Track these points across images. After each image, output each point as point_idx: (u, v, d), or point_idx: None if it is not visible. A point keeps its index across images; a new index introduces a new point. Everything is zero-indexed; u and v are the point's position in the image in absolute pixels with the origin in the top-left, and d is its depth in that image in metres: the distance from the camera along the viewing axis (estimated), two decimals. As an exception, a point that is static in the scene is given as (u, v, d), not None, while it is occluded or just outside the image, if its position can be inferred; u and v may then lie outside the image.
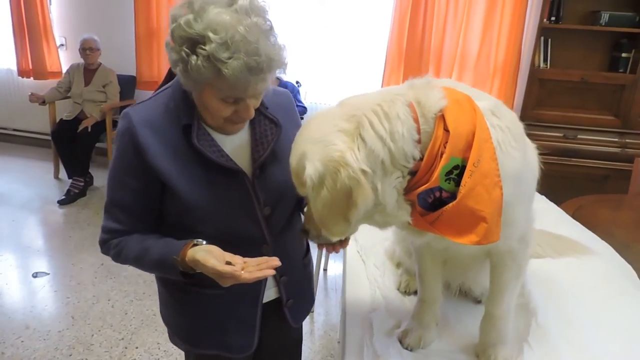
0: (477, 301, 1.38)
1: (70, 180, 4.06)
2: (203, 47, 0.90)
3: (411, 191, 0.91)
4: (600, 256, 1.69)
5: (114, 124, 4.31)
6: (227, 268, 0.94)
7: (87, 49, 4.18)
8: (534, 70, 3.74)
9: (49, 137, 4.36)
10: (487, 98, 1.00)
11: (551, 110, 3.70)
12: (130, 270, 2.96)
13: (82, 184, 4.04)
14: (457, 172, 0.88)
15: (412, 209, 0.93)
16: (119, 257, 1.10)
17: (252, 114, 1.03)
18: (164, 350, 2.28)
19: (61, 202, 3.88)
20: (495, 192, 0.88)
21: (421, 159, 0.89)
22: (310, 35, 4.18)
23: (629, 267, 1.67)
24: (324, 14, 4.19)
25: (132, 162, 1.04)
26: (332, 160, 0.86)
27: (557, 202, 2.20)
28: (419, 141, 0.89)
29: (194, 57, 0.92)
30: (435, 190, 0.89)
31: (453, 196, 0.88)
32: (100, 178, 4.34)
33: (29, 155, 5.03)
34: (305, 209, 1.15)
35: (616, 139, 3.66)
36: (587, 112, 3.71)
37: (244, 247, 1.07)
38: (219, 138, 1.08)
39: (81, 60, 4.31)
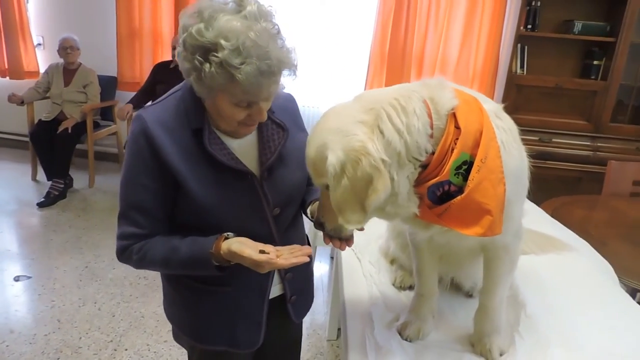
0: (468, 295, 1.44)
1: (50, 182, 3.99)
2: (216, 54, 0.93)
3: (421, 184, 0.96)
4: (579, 253, 1.78)
5: (95, 125, 4.27)
6: (263, 257, 0.98)
7: (67, 47, 4.11)
8: (511, 76, 3.88)
9: (27, 139, 4.28)
10: (490, 102, 1.07)
11: (527, 114, 3.83)
12: (115, 272, 2.94)
13: (62, 186, 3.98)
14: (465, 168, 0.94)
15: (420, 202, 0.98)
16: (143, 261, 1.09)
17: (265, 116, 1.06)
18: (154, 352, 2.28)
19: (40, 205, 3.80)
20: (499, 188, 0.95)
21: (432, 153, 0.95)
22: (292, 38, 4.21)
23: (606, 262, 1.77)
24: (306, 18, 4.23)
25: (149, 164, 1.05)
26: (354, 149, 0.90)
27: (534, 202, 2.30)
28: (431, 136, 0.95)
29: (207, 65, 0.94)
30: (444, 184, 0.95)
31: (460, 190, 0.94)
32: (81, 180, 4.28)
33: (5, 157, 4.91)
34: (318, 203, 1.15)
35: (588, 143, 3.82)
36: (561, 116, 3.86)
37: None
38: (228, 141, 1.10)
39: (60, 60, 4.24)
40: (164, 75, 3.97)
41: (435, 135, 0.95)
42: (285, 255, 1.00)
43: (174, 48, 3.90)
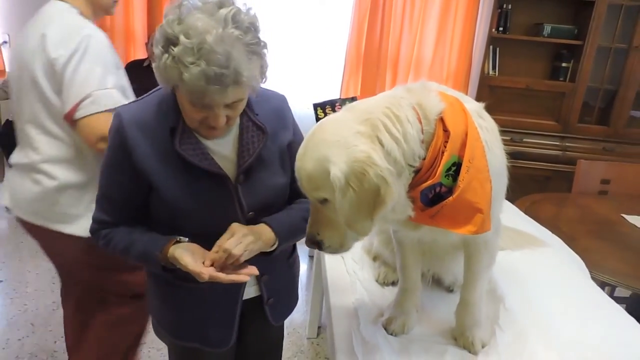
0: (449, 290, 1.48)
1: None
2: (173, 47, 0.94)
3: (414, 188, 0.98)
4: (552, 248, 1.85)
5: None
6: (197, 268, 1.00)
7: (35, 46, 4.00)
8: (483, 77, 3.97)
9: (-6, 139, 4.13)
10: (472, 101, 1.10)
11: (499, 115, 3.85)
12: (90, 274, 2.88)
13: None
14: (454, 169, 0.97)
15: (413, 205, 1.00)
16: (108, 247, 1.16)
17: (222, 123, 1.02)
18: (133, 354, 2.25)
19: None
20: (487, 186, 0.98)
21: (424, 158, 0.97)
22: (268, 41, 4.19)
23: (577, 256, 1.84)
24: (281, 20, 4.22)
25: (121, 161, 1.08)
26: (358, 160, 0.89)
27: (506, 200, 2.37)
28: (422, 141, 0.97)
29: (165, 56, 0.95)
30: (436, 186, 0.97)
31: (450, 191, 0.97)
32: (51, 181, 4.16)
33: (-31, 158, 4.73)
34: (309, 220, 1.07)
35: (557, 143, 3.95)
36: (531, 117, 3.96)
37: None
38: (206, 141, 1.10)
39: (28, 59, 4.13)
40: (137, 74, 3.92)
41: (426, 140, 0.97)
42: (229, 271, 1.02)
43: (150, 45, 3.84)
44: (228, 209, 1.11)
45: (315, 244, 1.01)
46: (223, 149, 1.12)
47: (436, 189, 0.97)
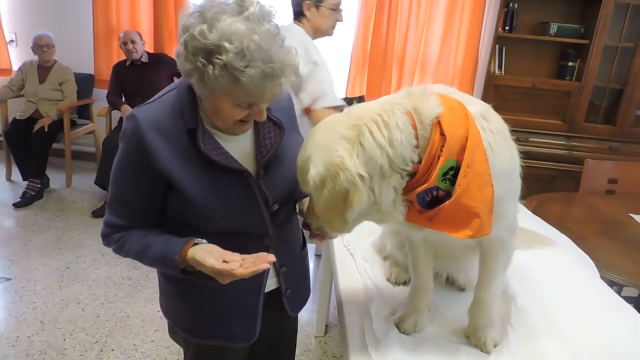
0: (461, 289, 1.48)
1: (26, 182, 3.89)
2: (219, 56, 0.92)
3: (410, 191, 0.99)
4: (561, 247, 1.85)
5: (72, 123, 4.17)
6: (224, 266, 0.99)
7: (43, 45, 4.02)
8: (489, 76, 3.97)
9: (1, 138, 4.16)
10: (478, 103, 1.10)
11: (505, 114, 3.77)
12: (98, 272, 2.89)
13: (38, 186, 3.88)
14: (452, 173, 0.97)
15: (409, 208, 1.02)
16: (121, 251, 1.14)
17: (265, 115, 1.07)
18: (141, 352, 2.26)
19: (17, 205, 3.71)
20: (486, 191, 0.98)
21: (419, 162, 0.98)
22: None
23: (587, 256, 1.84)
24: (286, 19, 4.23)
25: (138, 165, 1.06)
26: (333, 164, 0.96)
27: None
28: (417, 146, 0.98)
29: (210, 67, 0.94)
30: (433, 190, 0.98)
31: (448, 194, 0.97)
32: (58, 180, 4.18)
33: (-24, 156, 4.76)
34: (305, 205, 1.21)
35: (564, 142, 3.94)
36: (537, 116, 3.96)
37: (246, 240, 1.13)
38: (222, 140, 1.10)
39: (34, 57, 4.14)
40: (125, 75, 3.98)
41: (421, 144, 0.98)
42: (247, 264, 1.02)
43: (124, 44, 3.88)
44: (252, 204, 1.12)
45: (306, 225, 1.16)
46: (241, 146, 1.13)
47: (433, 193, 0.98)
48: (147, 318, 2.50)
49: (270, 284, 1.25)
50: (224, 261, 1.01)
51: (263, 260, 1.02)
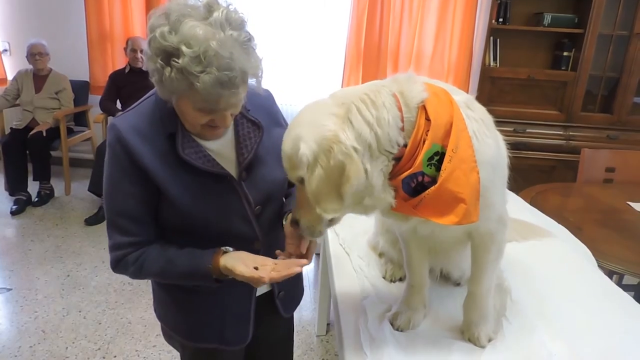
0: (457, 284, 1.48)
1: (13, 198, 3.92)
2: (176, 60, 0.91)
3: (395, 177, 0.98)
4: (558, 238, 1.84)
5: (69, 130, 4.18)
6: (253, 273, 1.01)
7: (35, 54, 4.02)
8: (484, 69, 3.96)
9: (-1, 148, 4.16)
10: (461, 93, 1.09)
11: (502, 106, 3.91)
12: (99, 280, 2.90)
13: (49, 185, 4.04)
14: (437, 159, 0.96)
15: (395, 194, 1.00)
16: (140, 272, 1.10)
17: (230, 122, 1.04)
18: (144, 357, 2.27)
19: (34, 204, 3.90)
20: (472, 176, 0.97)
21: (405, 146, 0.97)
22: (268, 37, 4.20)
23: (584, 247, 1.84)
24: (281, 16, 4.23)
25: (128, 170, 1.05)
26: (325, 138, 0.92)
27: (511, 191, 2.36)
28: (402, 129, 0.97)
29: (168, 69, 0.93)
30: (418, 175, 0.97)
31: (434, 181, 0.96)
32: (57, 188, 4.18)
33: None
34: (294, 199, 1.16)
35: (561, 132, 3.93)
36: (534, 107, 3.95)
37: (237, 244, 1.12)
38: (205, 143, 1.10)
39: (28, 66, 4.14)
40: (123, 81, 3.99)
41: (407, 128, 0.97)
42: (279, 268, 1.03)
43: (133, 50, 3.88)
44: (236, 207, 1.12)
45: (295, 222, 1.07)
46: (222, 149, 1.13)
47: (418, 178, 0.97)
48: (148, 323, 2.50)
49: (263, 288, 1.25)
50: (255, 267, 1.03)
51: (296, 264, 1.04)
